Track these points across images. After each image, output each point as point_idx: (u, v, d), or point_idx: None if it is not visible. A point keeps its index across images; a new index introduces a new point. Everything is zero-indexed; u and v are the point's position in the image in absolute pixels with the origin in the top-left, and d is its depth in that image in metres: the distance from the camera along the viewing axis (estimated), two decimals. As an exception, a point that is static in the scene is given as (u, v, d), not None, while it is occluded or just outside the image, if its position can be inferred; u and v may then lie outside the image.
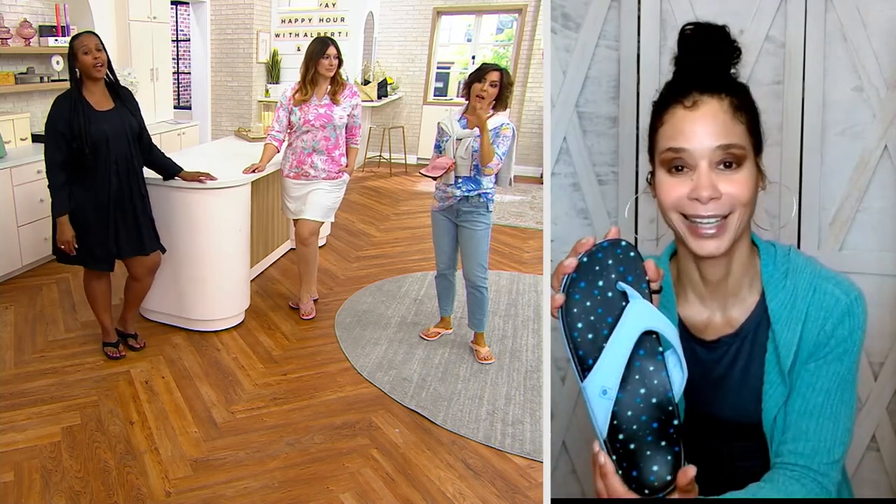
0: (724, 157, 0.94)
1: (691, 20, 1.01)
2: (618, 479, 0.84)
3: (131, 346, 3.27)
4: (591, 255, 0.87)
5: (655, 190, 1.00)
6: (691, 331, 1.06)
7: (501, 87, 2.99)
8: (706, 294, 1.05)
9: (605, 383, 0.85)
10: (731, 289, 1.03)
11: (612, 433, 0.86)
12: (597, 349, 0.86)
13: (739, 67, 1.00)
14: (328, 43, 3.39)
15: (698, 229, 0.95)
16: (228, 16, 7.60)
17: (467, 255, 3.21)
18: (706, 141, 0.93)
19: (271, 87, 7.87)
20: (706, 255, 0.96)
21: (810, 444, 0.97)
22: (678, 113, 0.96)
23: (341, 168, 3.58)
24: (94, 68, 2.73)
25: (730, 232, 0.95)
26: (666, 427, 0.85)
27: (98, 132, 2.75)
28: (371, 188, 7.26)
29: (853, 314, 0.98)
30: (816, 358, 0.99)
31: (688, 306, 1.06)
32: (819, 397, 0.98)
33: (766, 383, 1.02)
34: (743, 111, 0.96)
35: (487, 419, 2.79)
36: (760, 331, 1.03)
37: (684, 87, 0.97)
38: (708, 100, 0.95)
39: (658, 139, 0.99)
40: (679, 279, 1.06)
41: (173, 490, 2.34)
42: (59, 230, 2.83)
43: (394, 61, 8.57)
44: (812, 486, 0.97)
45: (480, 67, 3.04)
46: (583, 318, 0.87)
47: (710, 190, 0.93)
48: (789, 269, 1.01)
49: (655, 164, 1.00)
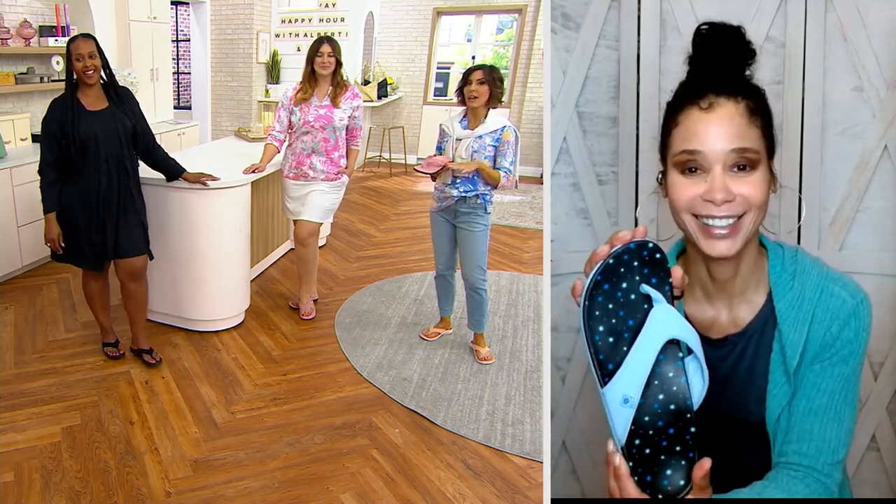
0: (739, 161, 0.93)
1: (691, 21, 1.02)
2: (632, 482, 0.83)
3: (147, 361, 3.14)
4: (618, 256, 0.84)
5: (667, 190, 0.99)
6: (697, 329, 1.06)
7: (490, 83, 2.99)
8: (713, 293, 1.05)
9: (627, 392, 0.83)
10: (739, 288, 1.03)
11: (628, 438, 0.84)
12: (618, 353, 0.84)
13: (754, 69, 0.99)
14: (323, 41, 3.41)
15: (710, 230, 0.95)
16: (228, 16, 7.60)
17: (465, 257, 3.21)
18: (721, 143, 0.93)
19: (271, 87, 7.87)
20: (717, 256, 0.96)
21: (814, 444, 0.97)
22: (693, 114, 0.95)
23: (340, 169, 3.58)
24: (85, 74, 2.76)
25: (742, 233, 0.95)
26: (682, 433, 0.84)
27: (87, 131, 2.76)
28: (371, 188, 7.26)
29: (859, 316, 0.98)
30: (822, 359, 0.99)
31: (694, 304, 1.06)
32: (823, 398, 0.98)
33: (770, 383, 1.02)
34: (758, 115, 0.96)
35: (487, 419, 2.79)
36: (767, 331, 1.03)
37: (700, 88, 0.96)
38: (724, 102, 0.94)
39: (672, 140, 0.98)
40: (686, 276, 1.07)
41: (173, 490, 2.34)
42: (46, 228, 2.87)
43: (394, 61, 8.57)
44: (815, 487, 0.97)
45: (465, 72, 3.07)
46: (604, 321, 0.84)
47: (724, 193, 0.92)
48: (797, 270, 1.01)
49: (668, 165, 0.99)
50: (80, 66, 2.75)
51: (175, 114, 6.63)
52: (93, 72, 2.76)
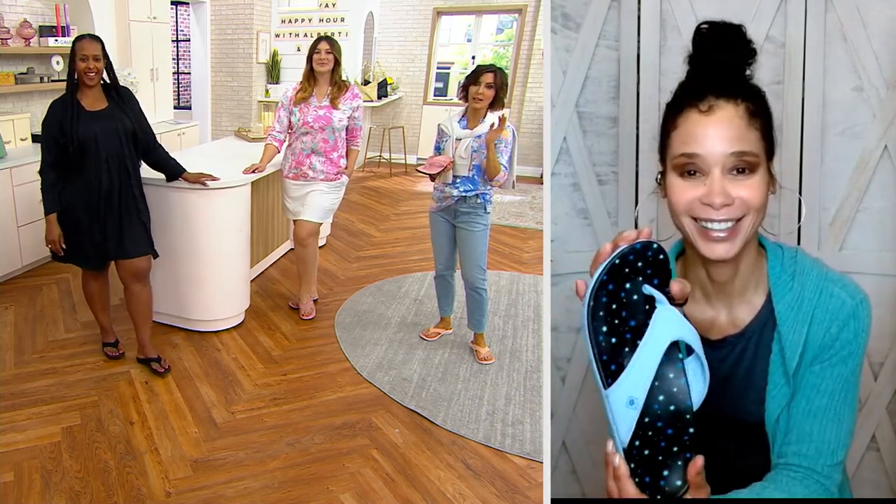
0: (738, 164, 0.93)
1: (691, 21, 1.02)
2: (632, 483, 0.83)
3: (155, 370, 3.09)
4: (623, 256, 0.84)
5: (666, 192, 0.99)
6: (697, 330, 1.06)
7: (497, 88, 2.99)
8: (712, 294, 1.05)
9: (632, 393, 0.83)
10: (738, 289, 1.03)
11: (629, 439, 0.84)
12: (620, 354, 0.84)
13: (754, 68, 0.99)
14: (321, 40, 3.43)
15: (709, 233, 0.95)
16: (228, 16, 7.60)
17: (465, 257, 3.21)
18: (720, 147, 0.92)
19: (271, 87, 7.87)
20: (716, 259, 0.96)
21: (814, 445, 0.97)
22: (692, 117, 0.95)
23: (340, 170, 3.58)
24: (86, 75, 2.75)
25: (741, 236, 0.94)
26: (681, 434, 0.84)
27: (86, 132, 2.76)
28: (371, 188, 7.26)
29: (858, 317, 0.98)
30: (821, 360, 0.98)
31: (694, 305, 1.06)
32: (823, 399, 0.98)
33: (769, 384, 1.02)
34: (758, 117, 0.95)
35: (487, 419, 2.79)
36: (766, 332, 1.03)
37: (699, 90, 0.96)
38: (724, 105, 0.94)
39: (671, 142, 0.98)
40: (685, 278, 1.06)
41: (173, 490, 2.34)
42: (47, 229, 2.86)
43: (394, 61, 8.57)
44: (815, 488, 0.97)
45: (475, 69, 3.05)
46: (608, 321, 0.84)
47: (723, 196, 0.92)
48: (796, 271, 1.01)
49: (667, 167, 0.99)
50: (82, 67, 2.74)
51: (175, 114, 6.63)
52: (94, 74, 2.76)
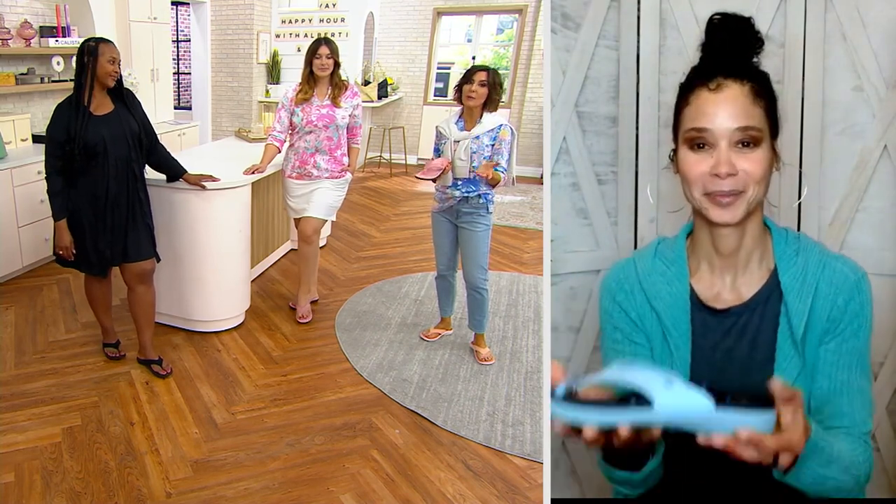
0: (743, 138, 1.00)
1: (691, 21, 1.03)
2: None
3: (156, 372, 3.08)
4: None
5: (678, 166, 1.07)
6: (703, 300, 1.12)
7: (490, 87, 2.99)
8: (718, 265, 1.10)
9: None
10: (742, 261, 1.09)
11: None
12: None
13: (760, 58, 1.05)
14: (321, 42, 3.41)
15: (716, 198, 1.02)
16: (229, 16, 7.60)
17: (467, 257, 3.21)
18: (727, 122, 1.00)
19: (271, 87, 7.88)
20: (722, 224, 1.03)
21: (846, 419, 1.04)
22: (702, 95, 1.03)
23: (344, 167, 3.59)
24: (109, 77, 2.74)
25: (744, 203, 1.02)
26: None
27: (95, 136, 2.73)
28: (371, 189, 7.26)
29: (862, 290, 1.04)
30: (834, 335, 1.04)
31: (700, 278, 1.12)
32: (843, 374, 1.04)
33: (779, 355, 1.06)
34: (762, 97, 1.03)
35: (488, 420, 2.79)
36: (771, 303, 1.08)
37: (709, 71, 1.04)
38: (731, 84, 1.02)
39: (682, 119, 1.06)
40: (694, 253, 1.13)
41: (174, 491, 2.34)
42: (58, 235, 2.83)
43: (394, 62, 8.57)
44: (858, 445, 1.03)
45: (469, 69, 3.07)
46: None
47: (728, 167, 1.00)
48: (800, 248, 1.08)
49: (679, 142, 1.07)
50: (110, 69, 2.73)
51: (175, 114, 6.64)
52: (115, 78, 2.77)
